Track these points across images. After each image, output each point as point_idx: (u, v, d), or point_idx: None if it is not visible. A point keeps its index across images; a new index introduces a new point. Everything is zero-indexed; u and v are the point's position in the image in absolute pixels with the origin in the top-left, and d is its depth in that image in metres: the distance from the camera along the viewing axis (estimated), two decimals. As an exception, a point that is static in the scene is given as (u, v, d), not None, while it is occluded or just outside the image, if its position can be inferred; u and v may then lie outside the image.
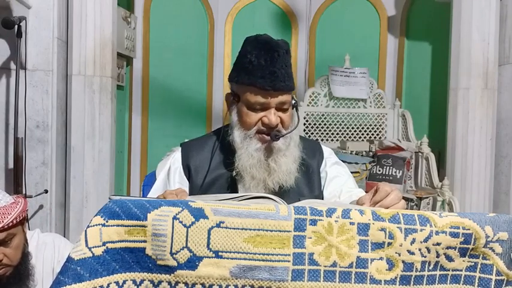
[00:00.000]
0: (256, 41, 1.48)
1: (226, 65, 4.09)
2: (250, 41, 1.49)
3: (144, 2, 3.82)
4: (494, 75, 3.12)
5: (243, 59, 1.47)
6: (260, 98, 1.44)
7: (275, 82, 1.42)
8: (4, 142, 2.71)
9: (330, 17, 4.15)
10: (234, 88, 1.52)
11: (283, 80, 1.44)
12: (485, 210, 3.08)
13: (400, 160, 3.33)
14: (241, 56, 1.49)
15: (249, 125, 1.47)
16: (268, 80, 1.42)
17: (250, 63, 1.44)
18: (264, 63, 1.43)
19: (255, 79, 1.43)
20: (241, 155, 1.48)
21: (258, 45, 1.46)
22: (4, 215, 1.59)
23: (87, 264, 0.98)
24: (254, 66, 1.43)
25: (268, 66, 1.43)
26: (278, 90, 1.44)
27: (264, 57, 1.43)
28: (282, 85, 1.44)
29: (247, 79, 1.44)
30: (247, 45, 1.48)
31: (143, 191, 1.84)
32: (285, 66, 1.46)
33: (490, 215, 1.07)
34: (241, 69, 1.47)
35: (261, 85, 1.42)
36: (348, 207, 1.07)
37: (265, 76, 1.42)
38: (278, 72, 1.43)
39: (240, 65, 1.48)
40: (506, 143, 3.17)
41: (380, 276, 1.02)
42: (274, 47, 1.45)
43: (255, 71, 1.43)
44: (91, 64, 2.81)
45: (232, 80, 1.52)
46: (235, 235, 1.00)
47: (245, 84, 1.45)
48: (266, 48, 1.44)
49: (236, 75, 1.49)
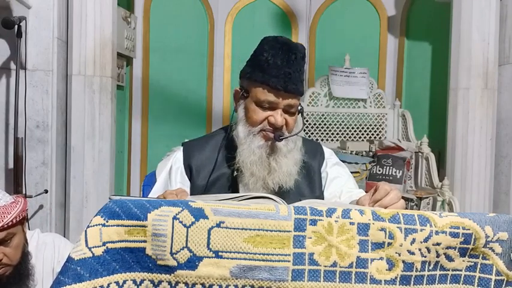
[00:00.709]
0: (275, 41, 1.48)
1: (226, 65, 4.09)
2: (269, 40, 1.49)
3: (144, 2, 3.82)
4: (494, 75, 3.12)
5: (259, 57, 1.47)
6: (271, 96, 1.44)
7: (288, 83, 1.43)
8: (4, 142, 2.72)
9: (330, 17, 4.15)
10: (244, 84, 1.53)
11: (295, 83, 1.45)
12: (485, 210, 3.08)
13: (400, 160, 3.33)
14: (257, 54, 1.49)
15: (254, 121, 1.47)
16: (282, 80, 1.43)
17: (267, 61, 1.44)
18: (280, 63, 1.44)
19: (269, 77, 1.43)
20: (243, 151, 1.48)
21: (277, 45, 1.46)
22: (4, 214, 1.59)
23: (87, 264, 0.98)
24: (270, 65, 1.44)
25: (284, 67, 1.43)
26: (289, 92, 1.44)
27: (280, 57, 1.44)
28: (294, 88, 1.45)
29: (261, 76, 1.45)
30: (265, 44, 1.49)
31: (143, 191, 1.84)
32: (299, 70, 1.47)
33: (490, 215, 1.07)
34: (256, 67, 1.47)
35: (274, 84, 1.43)
36: (348, 207, 1.07)
37: (279, 76, 1.43)
38: (292, 75, 1.44)
39: (256, 62, 1.48)
40: (506, 143, 3.17)
41: (380, 276, 1.02)
42: (293, 49, 1.46)
43: (270, 70, 1.44)
44: (91, 64, 2.81)
45: (244, 76, 1.52)
46: (235, 235, 1.00)
47: (258, 81, 1.46)
48: (284, 49, 1.45)
49: (250, 71, 1.49)
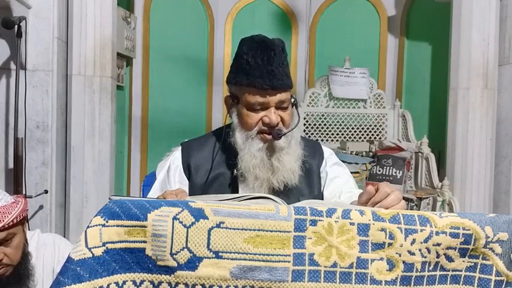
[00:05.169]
0: (251, 41, 1.47)
1: (226, 64, 4.08)
2: (246, 41, 1.49)
3: (144, 2, 3.82)
4: (494, 75, 3.12)
5: (239, 60, 1.47)
6: (259, 97, 1.44)
7: (273, 81, 1.42)
8: (4, 142, 2.71)
9: (330, 17, 4.15)
10: (232, 90, 1.52)
11: (281, 78, 1.44)
12: (485, 210, 3.08)
13: (400, 160, 3.33)
14: (237, 57, 1.49)
15: (250, 125, 1.47)
16: (267, 79, 1.42)
17: (248, 63, 1.44)
18: (261, 63, 1.43)
19: (253, 79, 1.43)
20: (244, 156, 1.47)
21: (254, 45, 1.46)
22: (4, 214, 1.59)
23: (87, 264, 0.98)
24: (251, 66, 1.43)
25: (266, 65, 1.42)
26: (276, 89, 1.44)
27: (260, 56, 1.43)
28: (280, 83, 1.44)
29: (246, 79, 1.44)
30: (243, 45, 1.48)
31: (143, 191, 1.84)
32: (282, 65, 1.46)
33: (490, 215, 1.07)
34: (239, 70, 1.47)
35: (260, 84, 1.42)
36: (348, 208, 1.07)
37: (263, 75, 1.42)
38: (276, 71, 1.43)
39: (237, 66, 1.48)
40: (506, 143, 3.17)
41: (380, 277, 1.02)
42: (270, 46, 1.45)
43: (253, 71, 1.43)
44: (91, 64, 2.81)
45: (230, 82, 1.52)
46: (235, 235, 1.00)
47: (244, 85, 1.45)
48: (262, 48, 1.44)
49: (234, 76, 1.49)
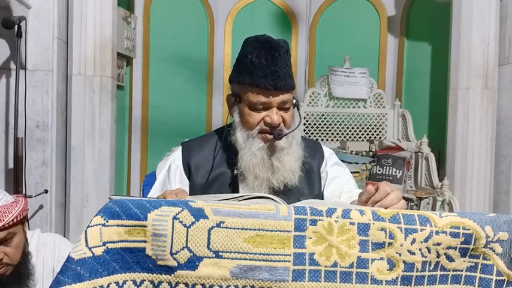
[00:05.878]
0: (256, 41, 1.48)
1: (226, 64, 4.09)
2: (250, 41, 1.49)
3: (144, 2, 3.82)
4: (494, 75, 3.12)
5: (243, 60, 1.47)
6: (262, 97, 1.44)
7: (277, 81, 1.43)
8: (4, 142, 2.71)
9: (330, 17, 4.15)
10: (234, 89, 1.52)
11: (284, 79, 1.44)
12: (485, 210, 3.07)
13: (400, 160, 3.33)
14: (241, 56, 1.49)
15: (251, 125, 1.47)
16: (270, 79, 1.42)
17: (252, 63, 1.44)
18: (265, 63, 1.43)
19: (257, 79, 1.43)
20: (244, 155, 1.48)
21: (259, 45, 1.46)
22: (5, 214, 1.59)
23: (87, 264, 0.98)
24: (255, 66, 1.43)
25: (270, 66, 1.43)
26: (279, 90, 1.44)
27: (265, 56, 1.43)
28: (284, 84, 1.44)
29: (249, 79, 1.44)
30: (248, 45, 1.48)
31: (143, 191, 1.84)
32: (286, 66, 1.46)
33: (490, 215, 1.07)
34: (243, 70, 1.47)
35: (263, 84, 1.42)
36: (348, 207, 1.07)
37: (267, 75, 1.42)
38: (279, 72, 1.43)
39: (241, 65, 1.48)
40: (506, 143, 3.17)
41: (381, 277, 1.02)
42: (275, 47, 1.45)
43: (257, 71, 1.43)
44: (91, 64, 2.81)
45: (233, 80, 1.52)
46: (235, 235, 1.00)
47: (247, 84, 1.45)
48: (267, 48, 1.45)
49: (237, 75, 1.49)
